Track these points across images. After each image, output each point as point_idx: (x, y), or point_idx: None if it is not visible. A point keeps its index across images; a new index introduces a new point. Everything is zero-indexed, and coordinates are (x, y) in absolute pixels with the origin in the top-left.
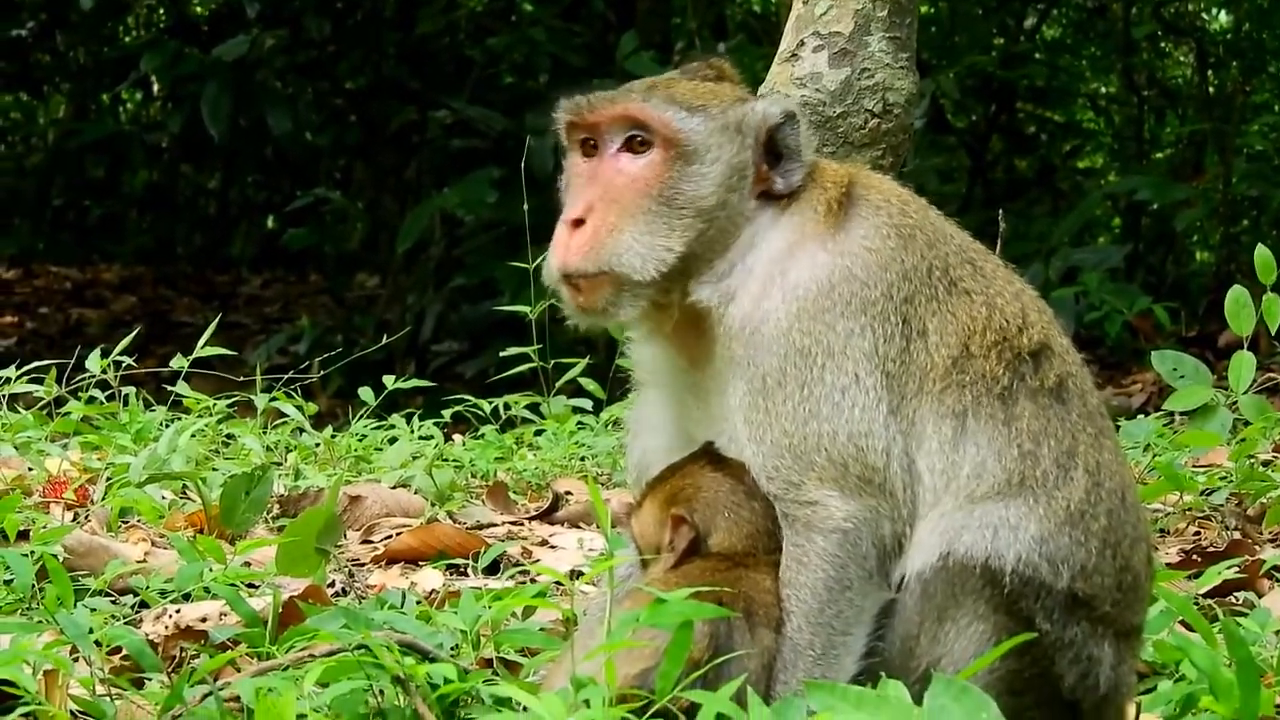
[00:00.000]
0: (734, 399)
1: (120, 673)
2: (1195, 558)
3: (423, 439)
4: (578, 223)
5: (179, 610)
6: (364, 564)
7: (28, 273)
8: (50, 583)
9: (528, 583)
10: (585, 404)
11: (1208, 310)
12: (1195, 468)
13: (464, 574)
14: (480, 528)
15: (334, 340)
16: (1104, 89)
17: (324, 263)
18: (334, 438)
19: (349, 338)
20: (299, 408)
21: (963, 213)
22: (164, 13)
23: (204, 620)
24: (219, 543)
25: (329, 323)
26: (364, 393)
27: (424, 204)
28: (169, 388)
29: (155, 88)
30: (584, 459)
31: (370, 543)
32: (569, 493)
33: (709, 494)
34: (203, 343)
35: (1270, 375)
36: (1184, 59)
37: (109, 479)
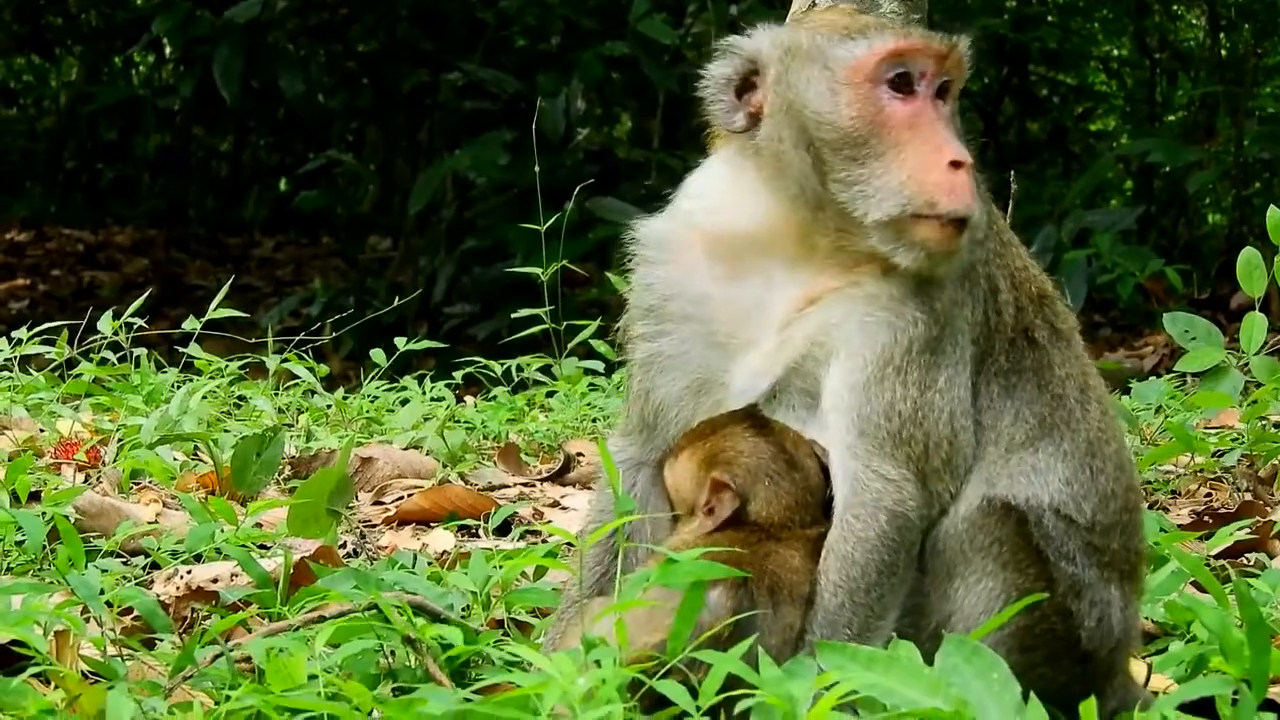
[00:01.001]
0: (848, 347)
1: (131, 633)
2: (1206, 519)
3: (434, 401)
4: (955, 164)
5: (190, 571)
6: (375, 525)
7: (40, 235)
8: (61, 544)
9: (538, 544)
10: (597, 366)
11: (1219, 272)
12: (1207, 429)
13: (475, 535)
14: (491, 489)
15: (346, 303)
16: (1116, 52)
17: (336, 225)
18: (346, 399)
19: (361, 300)
20: (311, 369)
21: None
22: None
23: (215, 581)
24: (230, 504)
25: (341, 285)
26: (375, 354)
27: (436, 166)
28: (181, 349)
29: (167, 50)
30: (595, 420)
31: (381, 504)
32: (580, 454)
33: (750, 460)
34: (215, 305)
35: None
36: (1196, 22)
37: (120, 440)
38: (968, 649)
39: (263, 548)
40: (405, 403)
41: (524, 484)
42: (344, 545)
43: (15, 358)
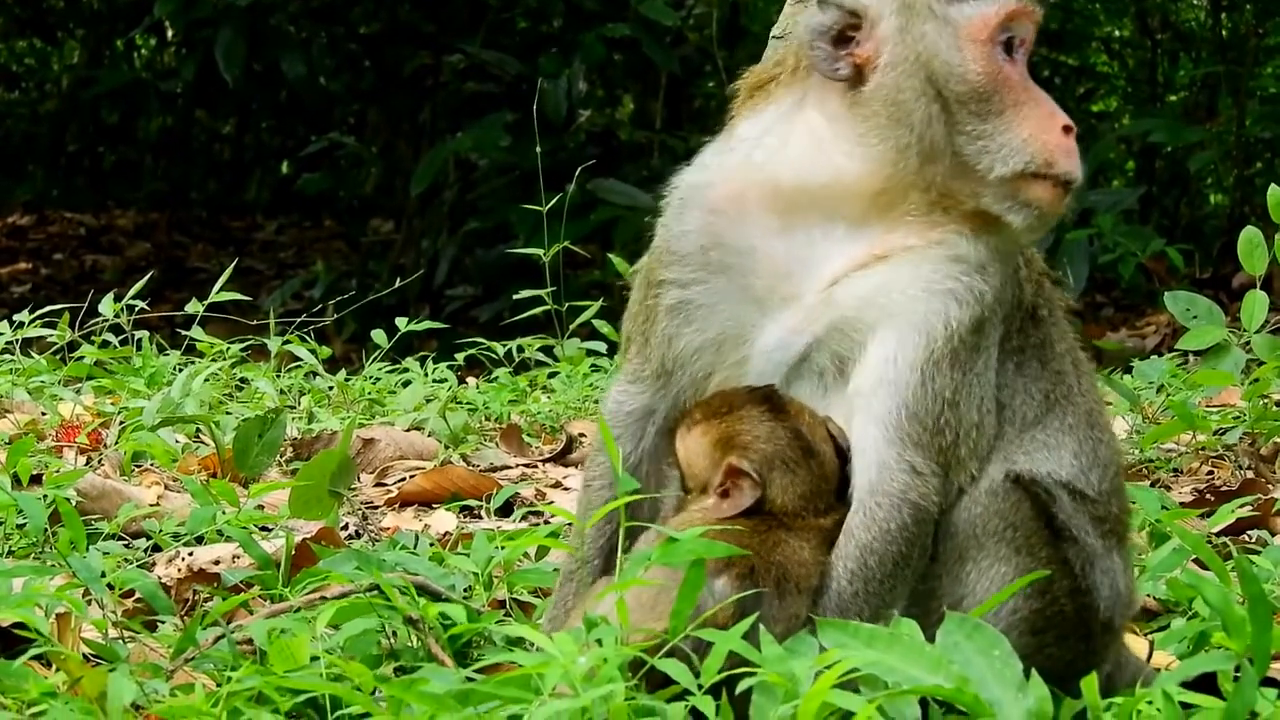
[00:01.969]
0: (909, 318)
1: (133, 615)
2: (1208, 497)
3: (436, 382)
4: (1067, 129)
5: (192, 553)
6: (377, 506)
7: (42, 219)
8: (63, 526)
9: (540, 524)
10: (599, 346)
11: (1221, 252)
12: (1208, 407)
13: (477, 516)
14: (493, 470)
15: (348, 285)
16: (1118, 32)
17: (338, 208)
18: (348, 381)
19: (363, 282)
20: (313, 351)
21: None
22: None
23: (217, 563)
24: (232, 486)
25: (343, 267)
26: (377, 336)
27: (438, 148)
28: (183, 332)
29: (169, 33)
30: (597, 401)
31: (383, 485)
32: (582, 435)
33: (767, 447)
34: (218, 287)
35: None
36: (1197, 2)
37: (122, 423)
38: (969, 626)
39: (264, 529)
40: (407, 384)
41: (526, 465)
42: (346, 527)
43: (17, 341)
